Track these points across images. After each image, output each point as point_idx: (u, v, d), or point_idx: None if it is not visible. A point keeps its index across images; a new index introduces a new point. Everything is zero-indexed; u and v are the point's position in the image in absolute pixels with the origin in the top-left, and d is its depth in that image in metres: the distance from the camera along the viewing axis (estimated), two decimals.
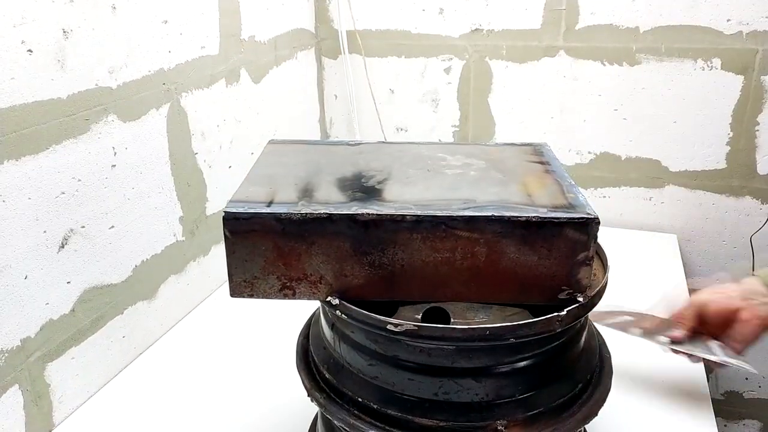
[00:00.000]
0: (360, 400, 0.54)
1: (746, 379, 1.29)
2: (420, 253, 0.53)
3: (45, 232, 0.71)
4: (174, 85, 0.90)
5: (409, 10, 1.25)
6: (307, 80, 1.31)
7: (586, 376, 0.57)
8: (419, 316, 0.55)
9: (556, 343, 0.54)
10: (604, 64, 1.18)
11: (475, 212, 0.53)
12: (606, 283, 0.55)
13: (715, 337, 0.68)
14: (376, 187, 0.58)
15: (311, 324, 0.65)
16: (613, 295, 0.61)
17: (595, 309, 0.53)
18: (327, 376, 0.57)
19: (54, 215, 0.72)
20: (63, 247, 0.74)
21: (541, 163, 0.66)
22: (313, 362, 0.60)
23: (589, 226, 0.52)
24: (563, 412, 0.54)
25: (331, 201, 0.55)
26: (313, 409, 0.72)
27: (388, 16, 1.27)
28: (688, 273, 1.15)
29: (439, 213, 0.52)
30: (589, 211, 0.53)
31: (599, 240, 0.54)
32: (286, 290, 0.55)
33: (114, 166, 0.80)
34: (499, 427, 0.51)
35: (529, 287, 0.54)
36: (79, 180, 0.75)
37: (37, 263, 0.71)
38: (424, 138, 1.34)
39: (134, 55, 0.82)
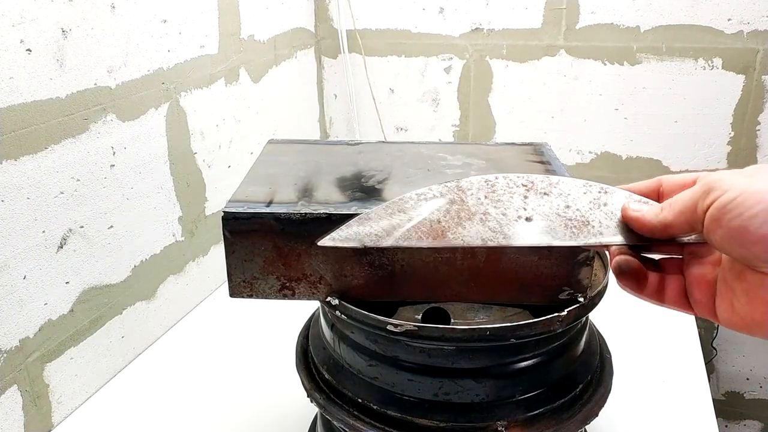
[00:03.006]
0: (360, 400, 0.54)
1: (747, 379, 1.29)
2: (420, 253, 0.53)
3: (44, 232, 0.71)
4: (173, 84, 0.90)
5: (409, 9, 1.25)
6: (306, 80, 1.31)
7: (586, 376, 0.57)
8: (419, 316, 0.55)
9: (556, 344, 0.54)
10: (605, 64, 1.18)
11: None
12: (607, 284, 0.55)
13: None
14: (376, 186, 0.58)
15: (311, 324, 0.65)
16: (613, 296, 0.61)
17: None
18: (327, 376, 0.57)
19: (53, 215, 0.72)
20: (62, 247, 0.74)
21: (542, 162, 0.66)
22: (313, 362, 0.60)
23: None
24: (564, 413, 0.54)
25: (330, 201, 0.55)
26: (313, 409, 0.72)
27: (388, 15, 1.27)
28: None
29: None
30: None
31: None
32: (286, 290, 0.55)
33: (113, 165, 0.80)
34: (499, 428, 0.51)
35: (529, 287, 0.53)
36: (78, 180, 0.75)
37: (35, 263, 0.71)
38: (424, 138, 1.34)
39: (133, 54, 0.81)
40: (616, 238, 0.38)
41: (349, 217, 0.52)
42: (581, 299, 0.53)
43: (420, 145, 0.71)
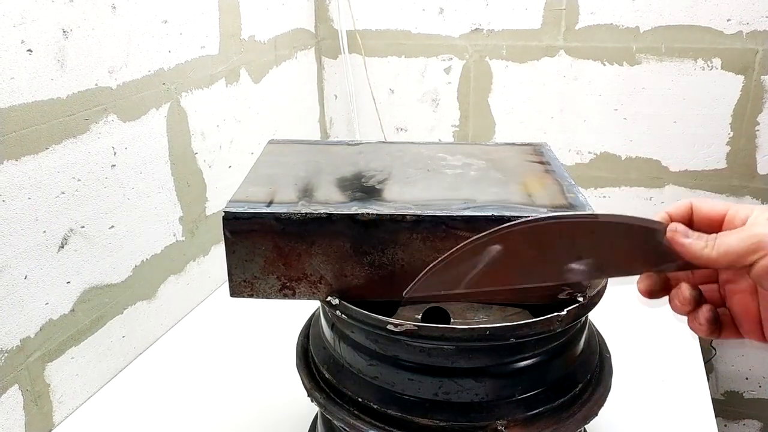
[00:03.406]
0: (360, 400, 0.54)
1: (746, 379, 1.29)
2: (420, 253, 0.53)
3: (45, 232, 0.71)
4: (174, 84, 0.90)
5: (409, 9, 1.25)
6: (306, 80, 1.31)
7: (586, 375, 0.57)
8: (419, 316, 0.55)
9: (556, 343, 0.54)
10: (605, 64, 1.18)
11: (475, 212, 0.53)
12: (606, 284, 0.55)
13: None
14: (376, 187, 0.58)
15: (311, 324, 0.65)
16: (613, 296, 0.61)
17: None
18: (327, 376, 0.57)
19: (54, 215, 0.72)
20: (63, 247, 0.74)
21: (541, 163, 0.66)
22: (313, 362, 0.60)
23: None
24: (563, 412, 0.54)
25: (331, 201, 0.55)
26: (313, 409, 0.72)
27: (388, 15, 1.27)
28: None
29: (439, 213, 0.52)
30: (589, 211, 0.53)
31: None
32: (286, 290, 0.55)
33: (114, 166, 0.80)
34: (499, 428, 0.51)
35: (528, 287, 0.53)
36: (79, 180, 0.75)
37: (36, 263, 0.71)
38: (424, 138, 1.34)
39: (134, 54, 0.82)
40: (664, 267, 0.41)
41: (350, 217, 0.52)
42: (580, 299, 0.53)
43: (420, 145, 0.71)
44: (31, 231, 0.70)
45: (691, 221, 0.41)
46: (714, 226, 0.41)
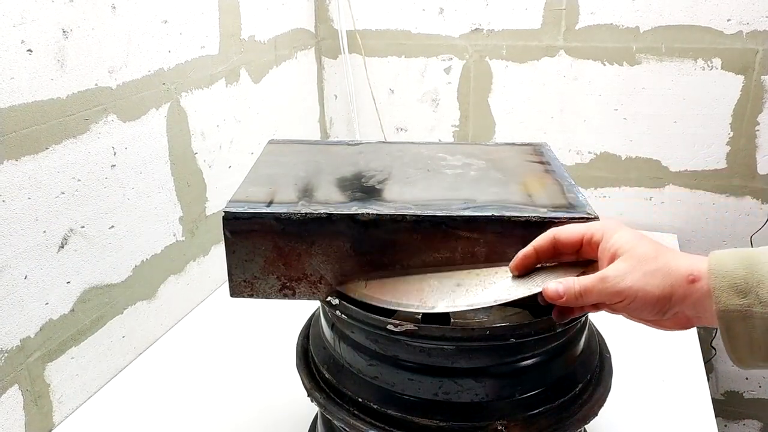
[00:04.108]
0: (360, 400, 0.54)
1: (746, 379, 1.29)
2: (420, 253, 0.53)
3: (45, 232, 0.71)
4: (174, 84, 0.90)
5: (409, 9, 1.25)
6: (306, 80, 1.31)
7: (586, 376, 0.57)
8: (419, 316, 0.55)
9: (556, 343, 0.54)
10: (605, 64, 1.18)
11: (475, 212, 0.53)
12: None
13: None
14: (376, 187, 0.58)
15: (311, 324, 0.65)
16: None
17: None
18: (327, 376, 0.57)
19: (54, 215, 0.72)
20: (63, 247, 0.74)
21: (541, 163, 0.66)
22: (313, 362, 0.60)
23: None
24: (563, 412, 0.54)
25: (331, 201, 0.55)
26: (313, 409, 0.72)
27: (388, 15, 1.27)
28: None
29: (439, 213, 0.52)
30: (589, 211, 0.53)
31: None
32: (286, 290, 0.55)
33: (114, 166, 0.80)
34: (499, 428, 0.51)
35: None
36: (79, 180, 0.75)
37: (36, 263, 0.71)
38: (424, 138, 1.34)
39: (134, 54, 0.82)
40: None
41: (350, 217, 0.52)
42: None
43: (420, 145, 0.71)
44: (31, 231, 0.70)
45: (555, 248, 0.49)
46: (575, 248, 0.49)
